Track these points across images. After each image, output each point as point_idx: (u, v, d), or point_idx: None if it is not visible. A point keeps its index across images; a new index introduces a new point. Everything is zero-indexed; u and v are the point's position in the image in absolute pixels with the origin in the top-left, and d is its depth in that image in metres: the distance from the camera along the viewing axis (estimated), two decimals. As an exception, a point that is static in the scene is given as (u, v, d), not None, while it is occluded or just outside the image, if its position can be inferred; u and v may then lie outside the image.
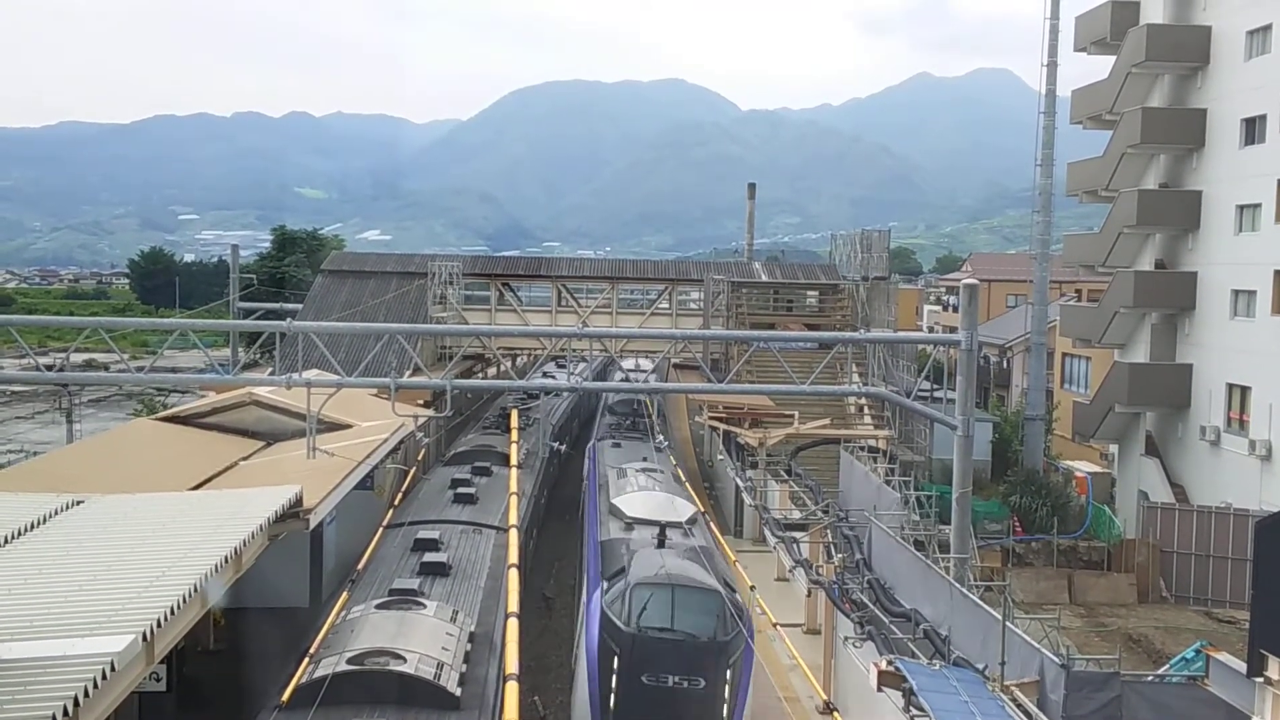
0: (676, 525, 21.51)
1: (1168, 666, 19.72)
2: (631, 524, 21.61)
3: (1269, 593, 11.67)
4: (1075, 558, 34.19)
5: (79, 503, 17.32)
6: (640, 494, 23.85)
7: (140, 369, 29.81)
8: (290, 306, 51.01)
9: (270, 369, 40.80)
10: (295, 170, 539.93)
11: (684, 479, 30.70)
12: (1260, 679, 11.52)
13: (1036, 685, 15.17)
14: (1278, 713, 11.36)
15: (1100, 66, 43.76)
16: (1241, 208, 36.58)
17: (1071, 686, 14.63)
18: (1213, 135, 38.25)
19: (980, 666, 15.66)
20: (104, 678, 10.32)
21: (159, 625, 11.89)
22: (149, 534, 15.48)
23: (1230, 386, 36.57)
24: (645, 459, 30.00)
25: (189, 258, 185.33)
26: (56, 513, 16.61)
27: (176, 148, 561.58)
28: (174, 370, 52.69)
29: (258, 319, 47.40)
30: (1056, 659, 15.06)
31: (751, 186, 77.37)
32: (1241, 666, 12.94)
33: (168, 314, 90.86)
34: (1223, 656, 15.32)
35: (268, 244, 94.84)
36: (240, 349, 51.81)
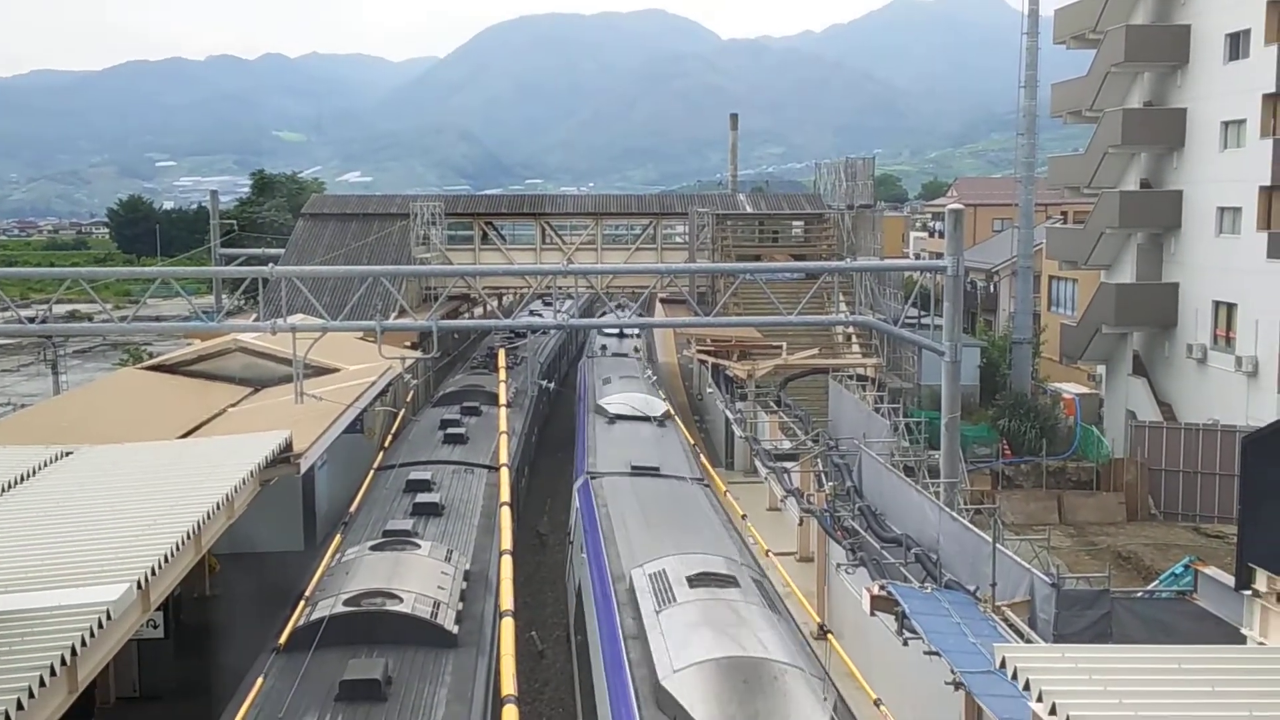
0: None
1: (1157, 582, 19.97)
2: None
3: (1256, 507, 11.74)
4: (1064, 478, 34.47)
5: (68, 454, 17.27)
6: (715, 668, 11.54)
7: (124, 318, 29.61)
8: (272, 251, 50.74)
9: (254, 315, 40.62)
10: (272, 113, 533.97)
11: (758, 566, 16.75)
12: (1248, 592, 11.62)
13: (1027, 605, 15.33)
14: (1265, 625, 11.48)
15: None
16: (1226, 124, 36.40)
17: (1062, 605, 14.78)
18: (1197, 51, 37.93)
19: (972, 588, 15.81)
20: (100, 626, 10.34)
21: (153, 573, 11.90)
22: (140, 483, 15.45)
23: (1216, 304, 36.65)
24: (698, 544, 16.14)
25: (168, 205, 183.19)
26: (45, 464, 16.56)
27: (150, 94, 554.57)
28: (158, 319, 52.38)
29: (240, 265, 47.14)
30: (1047, 578, 15.20)
31: (734, 117, 76.64)
32: (1229, 580, 13.07)
33: (149, 262, 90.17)
34: (1211, 571, 15.48)
35: (247, 189, 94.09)
36: (224, 295, 51.57)
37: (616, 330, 45.10)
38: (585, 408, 30.40)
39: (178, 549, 12.78)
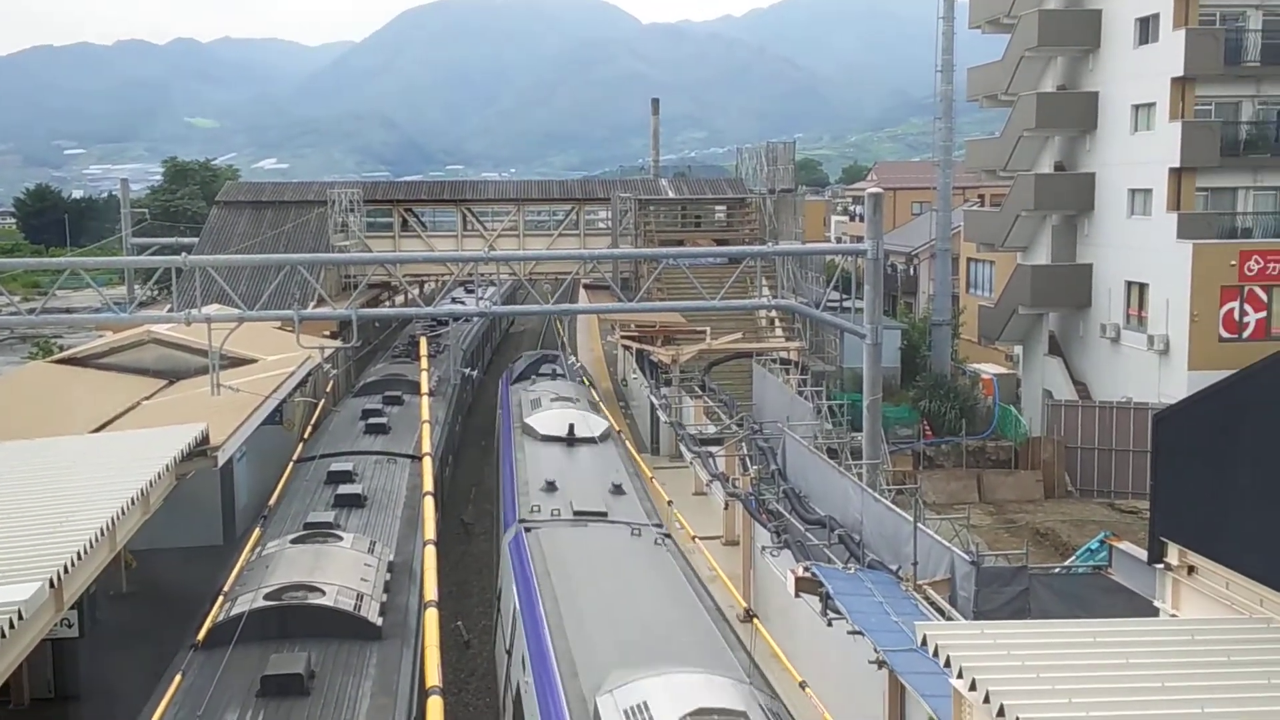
0: None
1: (1073, 558, 20.39)
2: None
3: (1167, 483, 12.00)
4: (984, 458, 35.10)
5: (-26, 451, 16.78)
6: None
7: (32, 311, 28.80)
8: (186, 240, 49.62)
9: (168, 306, 39.77)
10: (184, 100, 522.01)
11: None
12: (1160, 565, 11.89)
13: (948, 583, 15.58)
14: (1177, 597, 11.75)
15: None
16: (1137, 107, 37.19)
17: (981, 582, 15.04)
18: (1108, 35, 38.68)
19: (894, 568, 16.02)
20: (11, 626, 10.08)
21: (66, 571, 11.62)
22: (52, 478, 15.07)
23: (1129, 284, 37.48)
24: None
25: (77, 194, 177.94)
26: (-50, 462, 16.07)
27: (57, 80, 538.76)
28: (68, 311, 51.06)
29: (152, 254, 46.09)
30: (966, 556, 15.45)
31: (655, 102, 76.58)
32: (1142, 554, 13.35)
33: (58, 253, 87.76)
34: (1125, 546, 15.85)
35: (159, 177, 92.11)
36: (136, 286, 50.39)
37: (563, 431, 22.42)
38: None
39: (91, 546, 12.48)
